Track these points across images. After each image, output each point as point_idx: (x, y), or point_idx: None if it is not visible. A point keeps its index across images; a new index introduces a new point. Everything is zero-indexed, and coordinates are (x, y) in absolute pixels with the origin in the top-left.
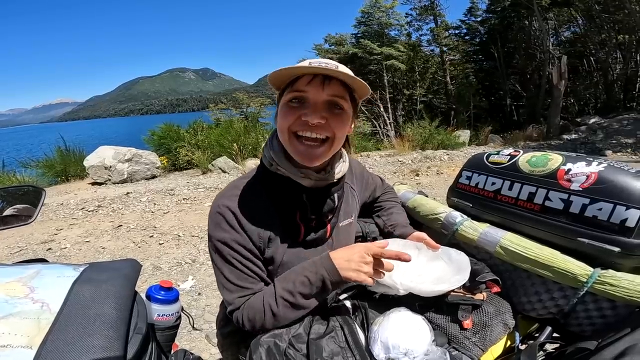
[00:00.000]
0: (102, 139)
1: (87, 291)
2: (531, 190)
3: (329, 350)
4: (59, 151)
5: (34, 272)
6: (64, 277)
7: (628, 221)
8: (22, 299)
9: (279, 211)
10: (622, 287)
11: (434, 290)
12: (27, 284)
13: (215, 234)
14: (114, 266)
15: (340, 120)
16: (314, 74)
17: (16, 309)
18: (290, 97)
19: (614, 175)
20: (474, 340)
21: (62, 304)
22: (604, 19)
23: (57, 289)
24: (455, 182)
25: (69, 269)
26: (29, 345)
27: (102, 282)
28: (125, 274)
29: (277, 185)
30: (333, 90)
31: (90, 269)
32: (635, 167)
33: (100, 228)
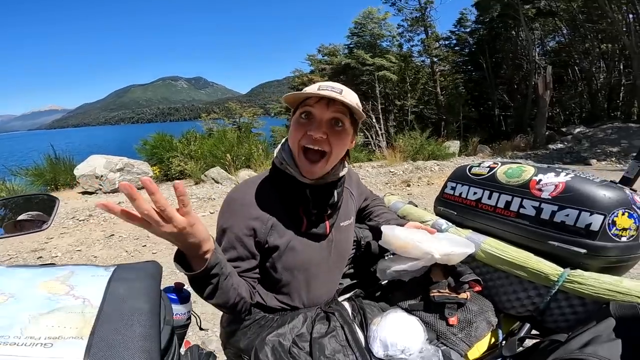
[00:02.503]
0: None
1: (122, 288)
2: (507, 199)
3: (331, 348)
4: (48, 159)
5: (69, 272)
6: (98, 276)
7: (592, 225)
8: (64, 295)
9: (285, 203)
10: (589, 285)
11: (461, 252)
12: (65, 282)
13: (219, 220)
14: (140, 267)
15: (339, 137)
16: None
17: (60, 305)
18: (301, 112)
19: (579, 184)
20: (460, 336)
21: (102, 300)
22: (588, 28)
23: (94, 286)
24: (441, 192)
25: (100, 270)
26: (80, 336)
27: (133, 280)
28: (151, 273)
29: (284, 181)
30: (336, 109)
31: (120, 270)
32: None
33: (92, 237)
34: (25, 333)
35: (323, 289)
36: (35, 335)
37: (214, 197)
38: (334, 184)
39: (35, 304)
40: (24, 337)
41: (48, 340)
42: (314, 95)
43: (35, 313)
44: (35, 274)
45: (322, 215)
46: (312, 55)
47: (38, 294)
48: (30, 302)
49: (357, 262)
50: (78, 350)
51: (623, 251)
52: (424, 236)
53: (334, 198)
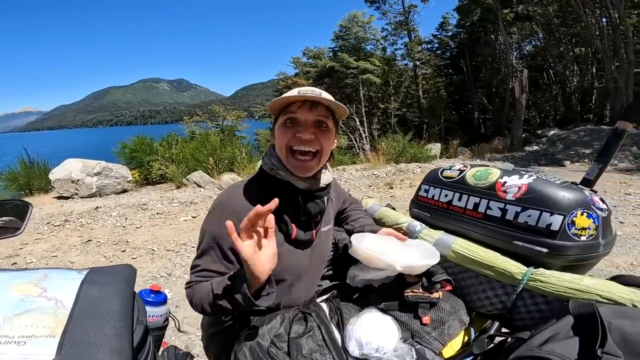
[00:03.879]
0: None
1: (94, 290)
2: (476, 200)
3: (308, 348)
4: (22, 163)
5: (42, 275)
6: (70, 279)
7: (553, 225)
8: (37, 297)
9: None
10: (550, 284)
11: (423, 265)
12: (38, 285)
13: (206, 223)
14: (113, 270)
15: (326, 136)
16: (304, 100)
17: (33, 306)
18: (285, 119)
19: (540, 186)
20: (434, 335)
21: (74, 301)
22: (563, 32)
23: (66, 289)
24: (416, 194)
25: (73, 273)
26: (52, 335)
27: (105, 283)
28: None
29: (275, 187)
30: (319, 112)
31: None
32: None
33: (68, 243)
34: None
35: (303, 292)
36: (9, 334)
37: (197, 201)
38: (323, 190)
39: (9, 305)
40: None
41: (21, 339)
42: (298, 99)
43: (9, 314)
44: (9, 277)
45: (309, 223)
46: (296, 58)
47: (12, 296)
48: (4, 304)
49: (335, 264)
50: (50, 349)
51: (583, 250)
52: (392, 245)
53: (322, 205)
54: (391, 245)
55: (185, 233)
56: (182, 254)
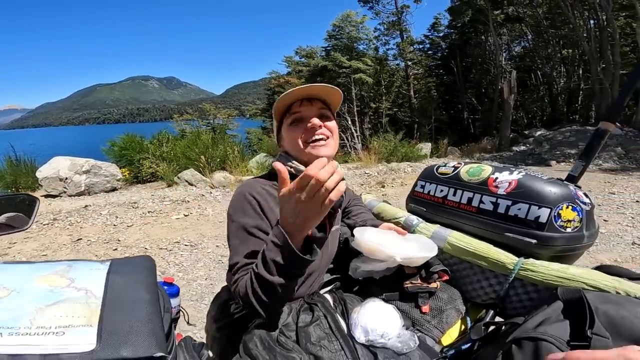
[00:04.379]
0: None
1: (120, 280)
2: (469, 195)
3: (316, 335)
4: (8, 161)
5: (66, 266)
6: (95, 269)
7: (540, 218)
8: (65, 288)
9: None
10: (540, 273)
11: (422, 256)
12: (64, 276)
13: (240, 219)
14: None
15: (331, 123)
16: (301, 99)
17: (63, 297)
18: (291, 120)
19: (529, 181)
20: (433, 323)
21: (104, 290)
22: (551, 34)
23: (93, 279)
24: (412, 190)
25: (97, 264)
26: (89, 324)
27: (130, 273)
28: (146, 267)
29: None
30: (318, 105)
31: (116, 264)
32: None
33: (58, 242)
34: (35, 323)
35: (308, 288)
36: (45, 325)
37: (188, 199)
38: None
39: (38, 296)
40: (35, 327)
41: (59, 329)
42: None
43: (41, 305)
44: (31, 269)
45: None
46: (289, 57)
47: (39, 288)
48: (33, 295)
49: (336, 257)
50: (90, 337)
51: (568, 241)
52: (392, 239)
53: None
54: (391, 239)
55: (177, 231)
56: (175, 252)
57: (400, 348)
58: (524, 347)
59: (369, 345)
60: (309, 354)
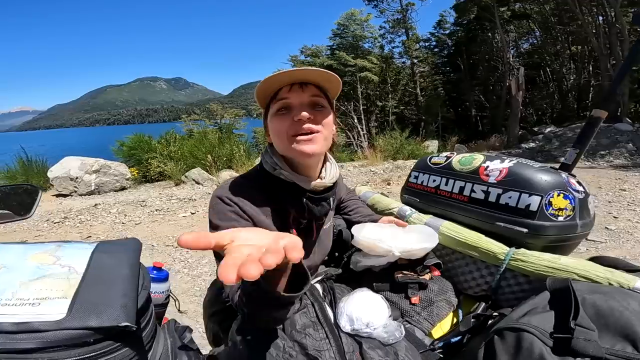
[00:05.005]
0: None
1: (104, 258)
2: (461, 184)
3: (302, 323)
4: (20, 162)
5: (56, 246)
6: (82, 249)
7: (531, 206)
8: (51, 265)
9: (276, 211)
10: (530, 263)
11: (420, 248)
12: (52, 254)
13: (222, 223)
14: (121, 242)
15: (325, 116)
16: (292, 83)
17: (48, 272)
18: (277, 107)
19: (520, 169)
20: (423, 315)
21: (86, 267)
22: (559, 30)
23: (79, 257)
24: (407, 181)
25: (85, 244)
26: (65, 296)
27: (114, 252)
28: (131, 247)
29: (278, 188)
30: (311, 91)
31: (102, 245)
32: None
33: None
34: (16, 296)
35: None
36: (24, 297)
37: (195, 197)
38: (330, 189)
39: (25, 272)
40: (15, 298)
41: (36, 301)
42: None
43: (25, 279)
44: (25, 249)
45: (311, 223)
46: (294, 56)
47: (28, 265)
48: (21, 271)
49: (330, 251)
50: (62, 307)
51: (561, 230)
52: (391, 233)
53: (328, 206)
54: (390, 232)
55: (184, 229)
56: (181, 249)
57: (386, 339)
58: (506, 337)
59: (354, 334)
60: (293, 341)
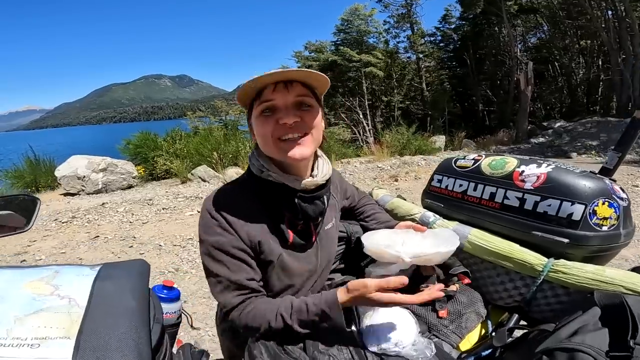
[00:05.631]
0: (73, 148)
1: (108, 287)
2: (492, 190)
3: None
4: (27, 161)
5: (54, 272)
6: (83, 275)
7: (574, 215)
8: (49, 296)
9: (270, 215)
10: (573, 275)
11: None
12: (49, 282)
13: (208, 237)
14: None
15: (312, 115)
16: (276, 81)
17: (45, 305)
18: (262, 109)
19: (560, 175)
20: (451, 328)
21: (88, 299)
22: (568, 24)
23: (79, 286)
24: (428, 185)
25: (86, 269)
26: (67, 336)
27: (119, 278)
28: (138, 272)
29: (268, 191)
30: (297, 91)
31: (106, 268)
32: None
33: (76, 239)
34: (11, 334)
35: (311, 291)
36: (21, 336)
37: (202, 195)
38: (321, 188)
39: (20, 304)
40: (10, 337)
41: (35, 341)
42: (268, 81)
43: (21, 314)
44: (19, 275)
45: (308, 224)
46: (298, 52)
47: (23, 295)
48: (15, 302)
49: (347, 258)
50: (66, 350)
51: (604, 240)
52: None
53: (322, 205)
54: (402, 238)
55: (191, 228)
56: (188, 248)
57: (415, 357)
58: (557, 358)
59: (381, 353)
60: None
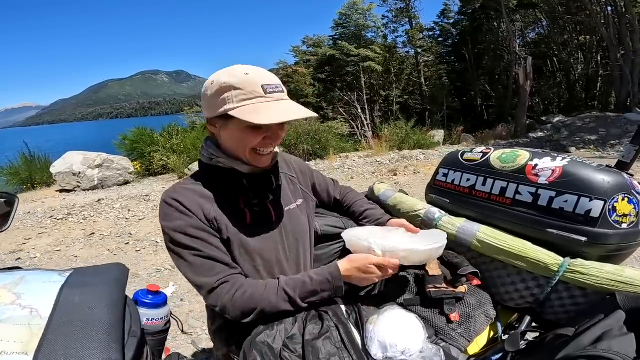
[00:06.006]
0: (69, 145)
1: (77, 296)
2: (503, 185)
3: (326, 351)
4: (23, 158)
5: (18, 278)
6: (50, 282)
7: (592, 212)
8: (9, 305)
9: (225, 198)
10: (591, 275)
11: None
12: (12, 290)
13: (167, 224)
14: (102, 270)
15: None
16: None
17: (5, 316)
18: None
19: (577, 169)
20: (459, 331)
21: (52, 309)
22: (567, 20)
23: (44, 294)
24: (433, 179)
25: (54, 275)
26: (24, 352)
27: (91, 286)
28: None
29: (219, 176)
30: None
31: (77, 274)
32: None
33: (72, 236)
34: None
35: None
36: None
37: None
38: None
39: None
40: None
41: None
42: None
43: None
44: None
45: (264, 203)
46: (296, 46)
47: None
48: None
49: (345, 254)
50: None
51: (623, 238)
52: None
53: (272, 183)
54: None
55: None
56: None
57: None
58: None
59: None
60: None
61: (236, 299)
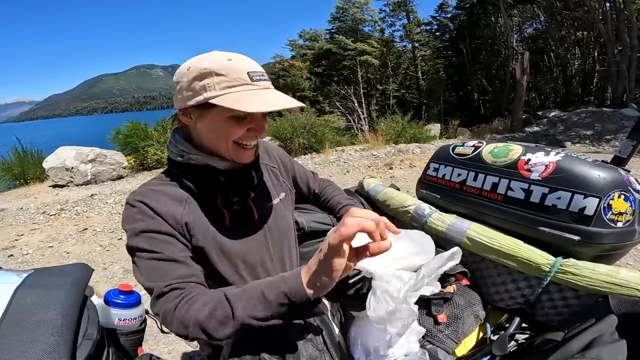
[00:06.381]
0: (63, 140)
1: (31, 297)
2: (494, 180)
3: (307, 354)
4: (15, 153)
5: None
6: (5, 283)
7: (587, 209)
8: None
9: (199, 199)
10: (584, 277)
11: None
12: None
13: (129, 226)
14: (62, 271)
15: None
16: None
17: None
18: (236, 115)
19: (571, 164)
20: (447, 333)
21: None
22: (565, 15)
23: None
24: (424, 174)
25: (11, 276)
26: None
27: (47, 287)
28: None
29: (192, 175)
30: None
31: (36, 275)
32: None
33: (64, 232)
34: None
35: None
36: None
37: None
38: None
39: None
40: None
41: None
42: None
43: None
44: None
45: (244, 201)
46: (293, 40)
47: None
48: None
49: None
50: None
51: (618, 238)
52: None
53: (252, 179)
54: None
55: None
56: None
57: None
58: None
59: None
60: None
61: (179, 308)
